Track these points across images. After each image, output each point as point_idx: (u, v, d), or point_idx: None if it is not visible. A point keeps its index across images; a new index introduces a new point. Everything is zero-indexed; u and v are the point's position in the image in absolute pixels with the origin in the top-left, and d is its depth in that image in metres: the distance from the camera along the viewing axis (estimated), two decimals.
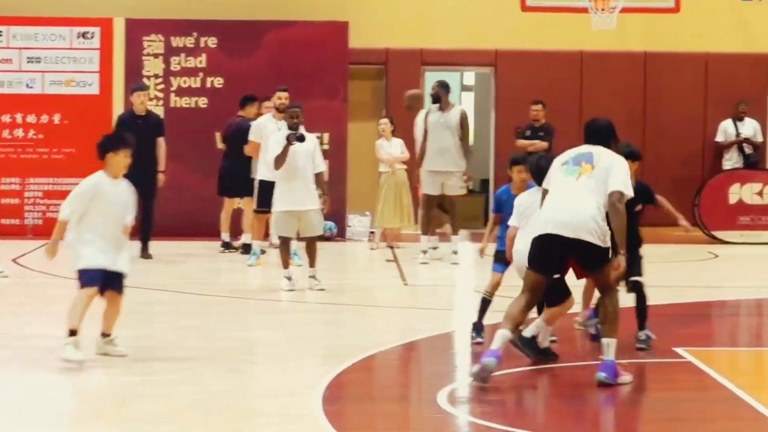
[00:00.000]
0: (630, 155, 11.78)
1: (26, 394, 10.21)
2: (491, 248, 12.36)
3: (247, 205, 19.94)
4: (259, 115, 19.64)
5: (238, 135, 19.77)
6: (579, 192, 10.16)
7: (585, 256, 10.18)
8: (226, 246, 20.57)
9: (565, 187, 10.29)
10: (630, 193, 10.17)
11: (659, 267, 19.56)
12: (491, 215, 12.99)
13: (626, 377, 10.15)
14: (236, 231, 20.34)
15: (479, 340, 12.12)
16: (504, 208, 12.28)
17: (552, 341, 11.52)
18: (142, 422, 9.31)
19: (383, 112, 22.85)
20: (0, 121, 22.28)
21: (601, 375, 9.93)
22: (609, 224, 10.07)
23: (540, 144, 22.40)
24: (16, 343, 12.48)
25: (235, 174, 19.90)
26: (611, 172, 10.24)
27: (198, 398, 9.97)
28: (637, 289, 12.03)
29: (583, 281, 11.95)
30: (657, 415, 9.56)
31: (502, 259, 12.13)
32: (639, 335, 11.94)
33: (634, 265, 11.60)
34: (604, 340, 10.19)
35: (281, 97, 18.48)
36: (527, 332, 11.10)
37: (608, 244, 10.10)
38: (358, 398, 10.50)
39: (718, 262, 20.38)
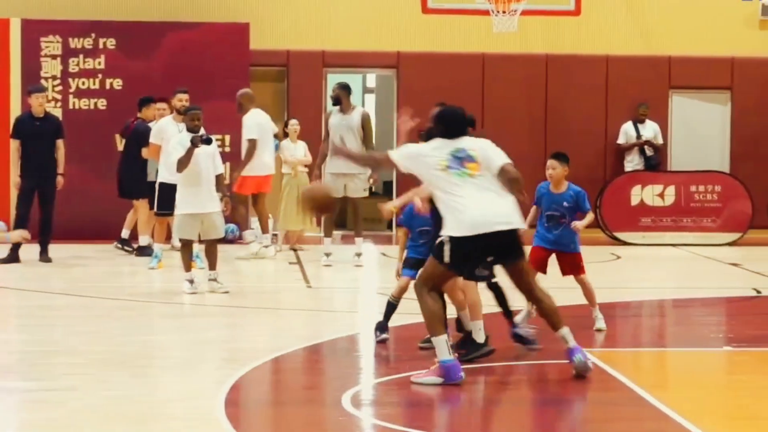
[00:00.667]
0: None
1: None
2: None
3: (142, 206, 19.87)
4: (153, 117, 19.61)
5: (136, 137, 19.75)
6: (487, 190, 10.45)
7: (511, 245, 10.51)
8: (123, 243, 20.53)
9: (470, 189, 10.44)
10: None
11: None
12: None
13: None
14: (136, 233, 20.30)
15: (384, 337, 12.28)
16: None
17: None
18: (41, 428, 9.22)
19: (285, 115, 22.82)
20: None
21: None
22: None
23: None
24: None
25: (133, 176, 19.84)
26: (490, 157, 10.72)
27: (98, 403, 9.89)
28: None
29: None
30: (562, 416, 9.61)
31: (412, 265, 12.03)
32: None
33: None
34: (563, 331, 10.57)
35: (181, 99, 18.42)
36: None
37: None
38: (262, 401, 10.47)
39: (620, 263, 20.54)
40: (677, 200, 23.22)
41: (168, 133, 17.53)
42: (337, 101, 19.26)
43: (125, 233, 20.59)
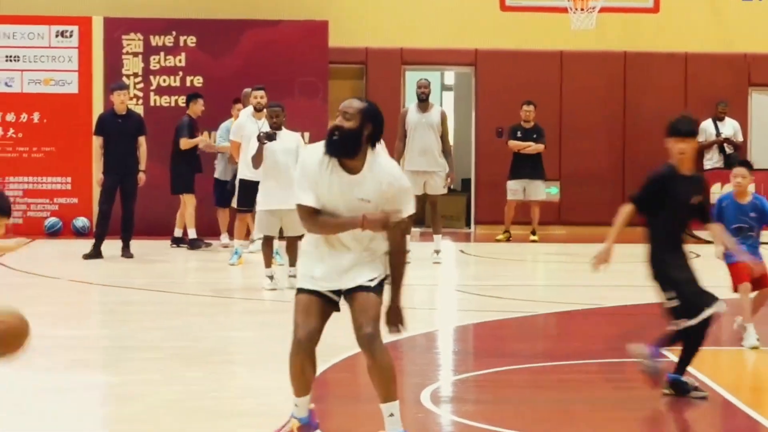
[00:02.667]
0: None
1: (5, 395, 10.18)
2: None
3: (189, 200, 20.44)
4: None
5: (177, 132, 20.57)
6: None
7: None
8: (176, 241, 20.73)
9: None
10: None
11: (638, 267, 19.60)
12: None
13: None
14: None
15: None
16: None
17: None
18: (122, 422, 9.28)
19: None
20: None
21: None
22: None
23: (536, 146, 22.52)
24: None
25: (177, 172, 20.59)
26: None
27: (177, 398, 9.95)
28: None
29: None
30: (640, 413, 9.57)
31: None
32: None
33: None
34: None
35: (257, 96, 18.46)
36: None
37: None
38: (342, 397, 10.47)
39: (700, 261, 20.37)
40: None
41: (247, 130, 17.54)
42: (427, 97, 19.30)
43: (178, 232, 20.74)
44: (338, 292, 7.81)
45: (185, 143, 20.08)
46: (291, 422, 7.95)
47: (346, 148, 7.34)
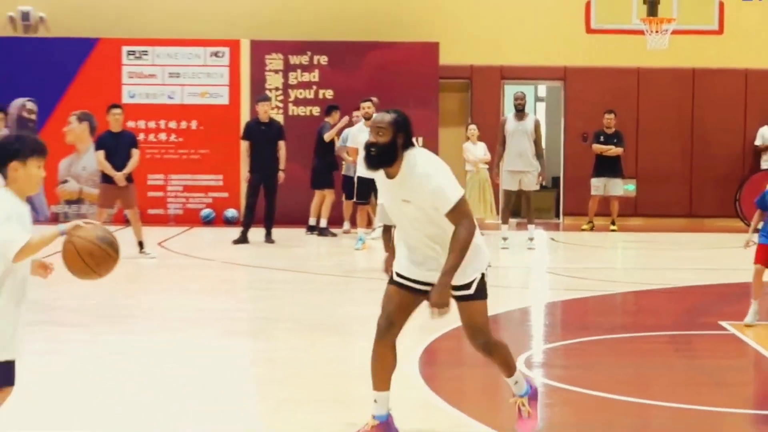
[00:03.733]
0: None
1: (163, 361, 10.31)
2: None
3: (328, 194, 20.77)
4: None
5: (318, 137, 20.80)
6: None
7: None
8: (311, 229, 20.87)
9: None
10: None
11: (707, 252, 19.44)
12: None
13: None
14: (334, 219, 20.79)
15: None
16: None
17: None
18: (265, 384, 9.37)
19: (469, 120, 22.84)
20: (146, 127, 22.51)
21: None
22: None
23: (615, 149, 22.48)
24: (159, 314, 12.63)
25: (317, 169, 20.90)
26: None
27: (312, 363, 10.03)
28: None
29: None
30: (704, 378, 9.52)
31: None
32: None
33: None
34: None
35: (364, 107, 18.64)
36: None
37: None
38: (450, 363, 10.52)
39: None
40: None
41: (359, 138, 17.66)
42: (523, 107, 19.30)
43: (312, 221, 20.89)
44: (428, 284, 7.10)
45: (328, 136, 20.32)
46: (368, 421, 7.22)
47: (384, 161, 6.79)
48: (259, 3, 23.52)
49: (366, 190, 17.93)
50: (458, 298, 7.24)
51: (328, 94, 22.69)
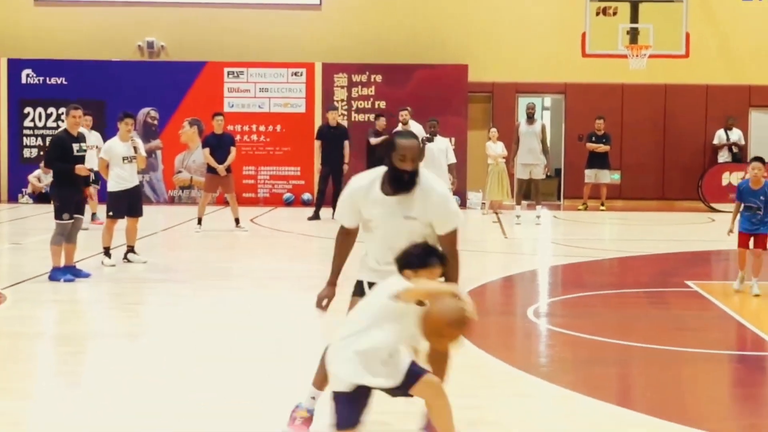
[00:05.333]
0: None
1: (255, 310, 10.35)
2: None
3: None
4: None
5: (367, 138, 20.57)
6: None
7: None
8: None
9: None
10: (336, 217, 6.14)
11: (672, 228, 19.31)
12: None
13: None
14: None
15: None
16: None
17: None
18: (332, 327, 9.39)
19: (491, 124, 22.76)
20: (242, 130, 22.57)
21: None
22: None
23: (603, 146, 22.44)
24: (251, 274, 12.70)
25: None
26: None
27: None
28: None
29: None
30: (672, 325, 9.47)
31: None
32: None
33: None
34: None
35: (402, 114, 18.64)
36: None
37: None
38: (476, 311, 10.50)
39: (714, 224, 20.00)
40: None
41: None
42: (533, 115, 19.35)
43: None
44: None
45: (374, 141, 20.17)
46: (301, 412, 5.87)
47: (413, 184, 5.44)
48: (330, 34, 23.50)
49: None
50: None
51: (382, 104, 22.65)
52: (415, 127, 19.76)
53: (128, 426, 6.04)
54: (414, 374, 4.94)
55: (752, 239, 11.16)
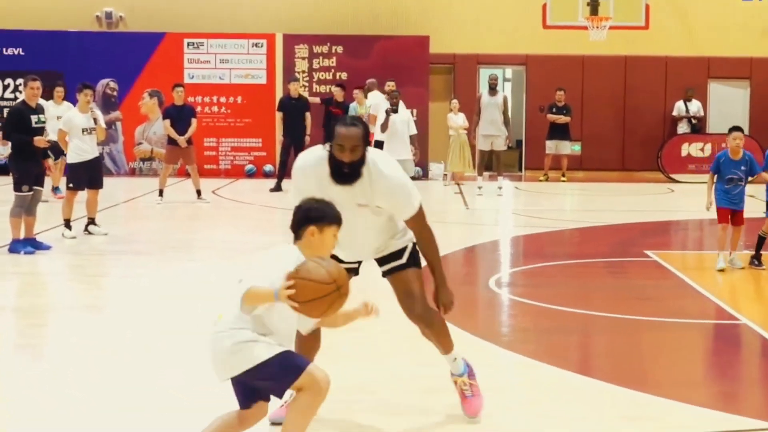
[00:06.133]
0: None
1: (217, 280, 10.33)
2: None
3: None
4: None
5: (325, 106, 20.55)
6: None
7: None
8: None
9: None
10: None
11: (632, 198, 19.46)
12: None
13: None
14: None
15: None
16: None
17: None
18: None
19: (452, 96, 22.78)
20: (203, 101, 22.42)
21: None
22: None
23: (564, 118, 22.53)
24: (213, 245, 12.67)
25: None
26: None
27: None
28: None
29: None
30: (632, 294, 9.56)
31: None
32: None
33: None
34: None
35: (390, 85, 18.49)
36: None
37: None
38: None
39: (673, 195, 20.21)
40: (712, 153, 22.70)
41: (380, 108, 17.39)
42: (495, 86, 19.39)
43: None
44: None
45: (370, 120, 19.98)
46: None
47: (356, 176, 5.07)
48: (291, 4, 23.39)
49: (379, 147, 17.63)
50: (391, 270, 5.50)
51: (343, 76, 22.55)
52: (377, 98, 19.78)
53: (94, 400, 6.02)
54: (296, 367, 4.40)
55: (731, 214, 10.86)
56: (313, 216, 4.53)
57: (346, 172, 5.08)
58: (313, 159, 5.22)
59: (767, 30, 24.12)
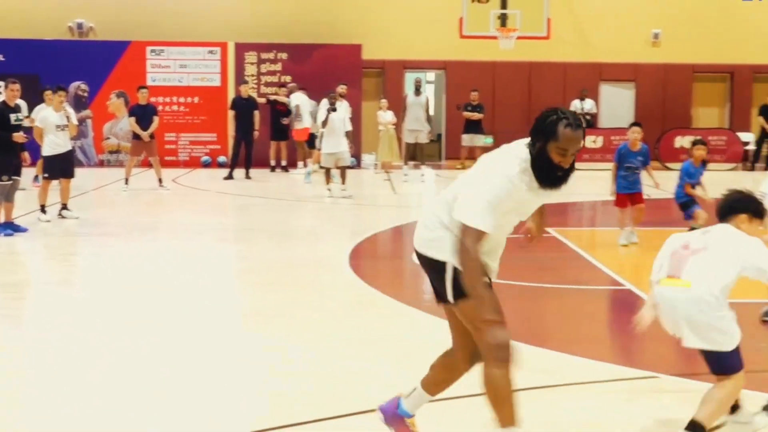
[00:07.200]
0: None
1: (176, 257, 10.19)
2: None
3: (283, 145, 20.70)
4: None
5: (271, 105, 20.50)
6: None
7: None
8: (272, 169, 20.84)
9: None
10: (481, 225, 3.90)
11: None
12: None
13: None
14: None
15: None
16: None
17: None
18: (243, 272, 9.27)
19: (382, 96, 22.73)
20: (164, 101, 22.07)
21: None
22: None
23: (478, 115, 22.57)
24: (173, 227, 12.52)
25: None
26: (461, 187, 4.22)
27: (276, 258, 9.98)
28: None
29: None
30: (535, 265, 9.62)
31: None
32: None
33: None
34: None
35: (342, 89, 17.94)
36: None
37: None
38: (370, 256, 10.54)
39: (571, 181, 20.34)
40: (604, 144, 22.98)
41: (322, 108, 17.20)
42: (419, 87, 19.45)
43: (273, 163, 20.87)
44: None
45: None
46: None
47: (566, 180, 4.05)
48: (242, 17, 23.14)
49: (312, 142, 17.55)
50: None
51: (287, 79, 22.36)
52: (301, 99, 19.77)
53: (71, 362, 5.91)
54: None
55: (628, 197, 10.90)
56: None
57: (560, 175, 4.00)
58: (519, 169, 3.98)
59: (650, 41, 24.46)
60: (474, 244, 3.83)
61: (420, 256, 4.14)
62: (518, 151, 4.02)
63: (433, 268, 4.05)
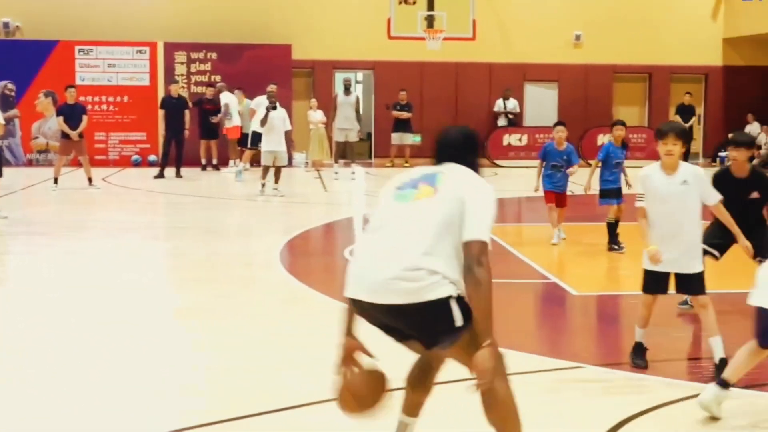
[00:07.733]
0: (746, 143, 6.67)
1: (106, 254, 10.04)
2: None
3: (213, 144, 20.70)
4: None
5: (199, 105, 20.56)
6: (404, 227, 3.72)
7: (418, 327, 3.71)
8: (203, 168, 20.65)
9: (388, 219, 3.87)
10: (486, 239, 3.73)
11: None
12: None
13: None
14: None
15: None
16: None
17: None
18: (175, 268, 9.16)
19: (312, 95, 22.66)
20: (93, 100, 21.69)
21: None
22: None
23: (406, 114, 22.69)
24: (103, 225, 12.32)
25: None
26: (467, 206, 3.78)
27: (204, 254, 9.90)
28: None
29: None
30: None
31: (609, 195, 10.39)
32: None
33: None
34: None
35: (272, 88, 17.36)
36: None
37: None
38: (301, 253, 10.50)
39: (497, 177, 20.56)
40: (528, 142, 23.26)
41: (262, 106, 16.99)
42: (349, 87, 19.45)
43: (204, 162, 20.68)
44: None
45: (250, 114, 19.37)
46: None
47: None
48: (171, 16, 22.84)
49: (257, 140, 17.11)
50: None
51: (218, 78, 22.15)
52: (228, 98, 19.71)
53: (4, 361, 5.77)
54: None
55: (555, 197, 10.91)
56: None
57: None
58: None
59: (572, 42, 24.82)
60: (488, 262, 3.69)
61: (403, 310, 3.55)
62: (466, 170, 3.96)
63: (430, 311, 3.55)
